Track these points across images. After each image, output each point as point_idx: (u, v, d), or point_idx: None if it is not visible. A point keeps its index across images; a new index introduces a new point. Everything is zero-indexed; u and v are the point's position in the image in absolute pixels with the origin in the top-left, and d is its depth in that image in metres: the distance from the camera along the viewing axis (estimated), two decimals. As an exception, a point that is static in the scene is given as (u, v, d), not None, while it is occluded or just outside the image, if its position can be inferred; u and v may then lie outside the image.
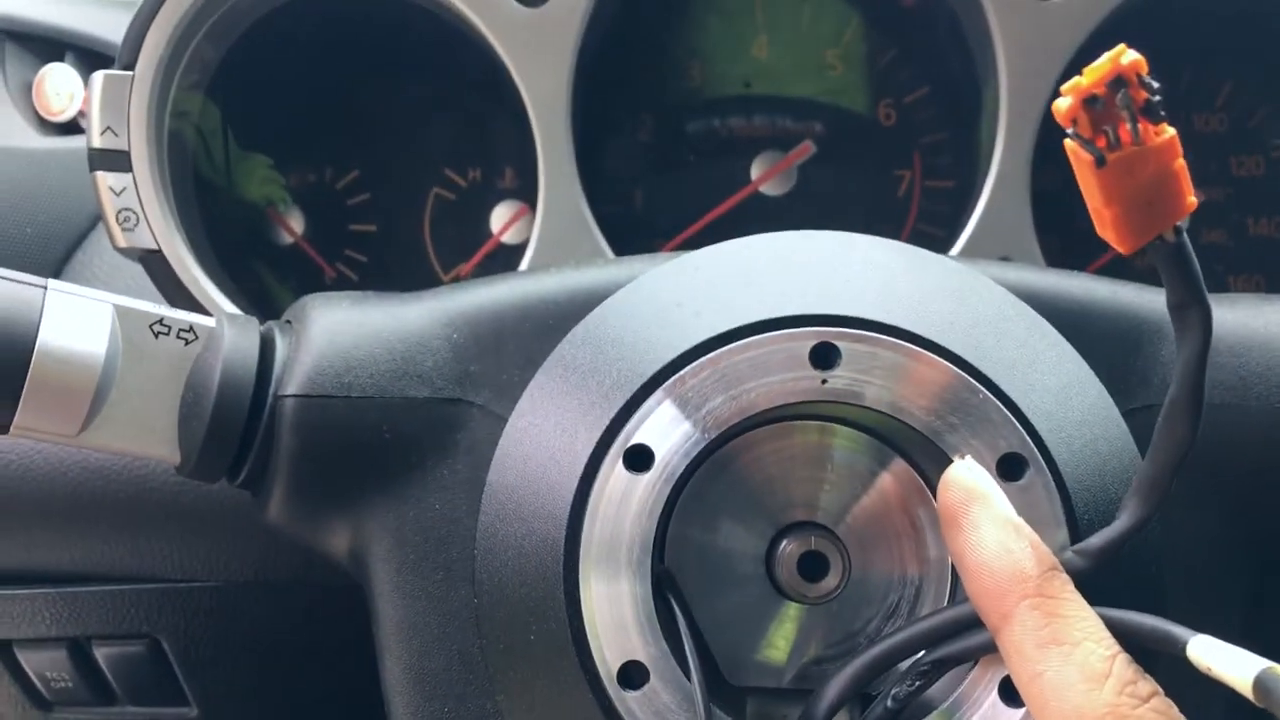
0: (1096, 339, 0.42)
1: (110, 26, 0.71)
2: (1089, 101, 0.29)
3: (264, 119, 0.60)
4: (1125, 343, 0.42)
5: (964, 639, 0.35)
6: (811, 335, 0.37)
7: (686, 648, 0.36)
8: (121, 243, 0.53)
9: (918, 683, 0.35)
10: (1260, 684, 0.28)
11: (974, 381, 0.36)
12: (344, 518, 0.43)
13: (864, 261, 0.39)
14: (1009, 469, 0.36)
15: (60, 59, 0.69)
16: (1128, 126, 0.29)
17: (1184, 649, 0.31)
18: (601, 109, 0.59)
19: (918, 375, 0.36)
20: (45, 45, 0.69)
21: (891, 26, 0.60)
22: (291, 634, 0.61)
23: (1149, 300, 0.44)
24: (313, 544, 0.45)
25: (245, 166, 0.61)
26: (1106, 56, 0.30)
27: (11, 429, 0.41)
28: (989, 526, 0.34)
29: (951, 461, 0.36)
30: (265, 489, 0.43)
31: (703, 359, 0.37)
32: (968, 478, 0.35)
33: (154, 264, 0.53)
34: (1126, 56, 0.29)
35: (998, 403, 0.36)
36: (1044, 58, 0.52)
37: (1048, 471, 0.36)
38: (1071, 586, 0.33)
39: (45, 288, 0.41)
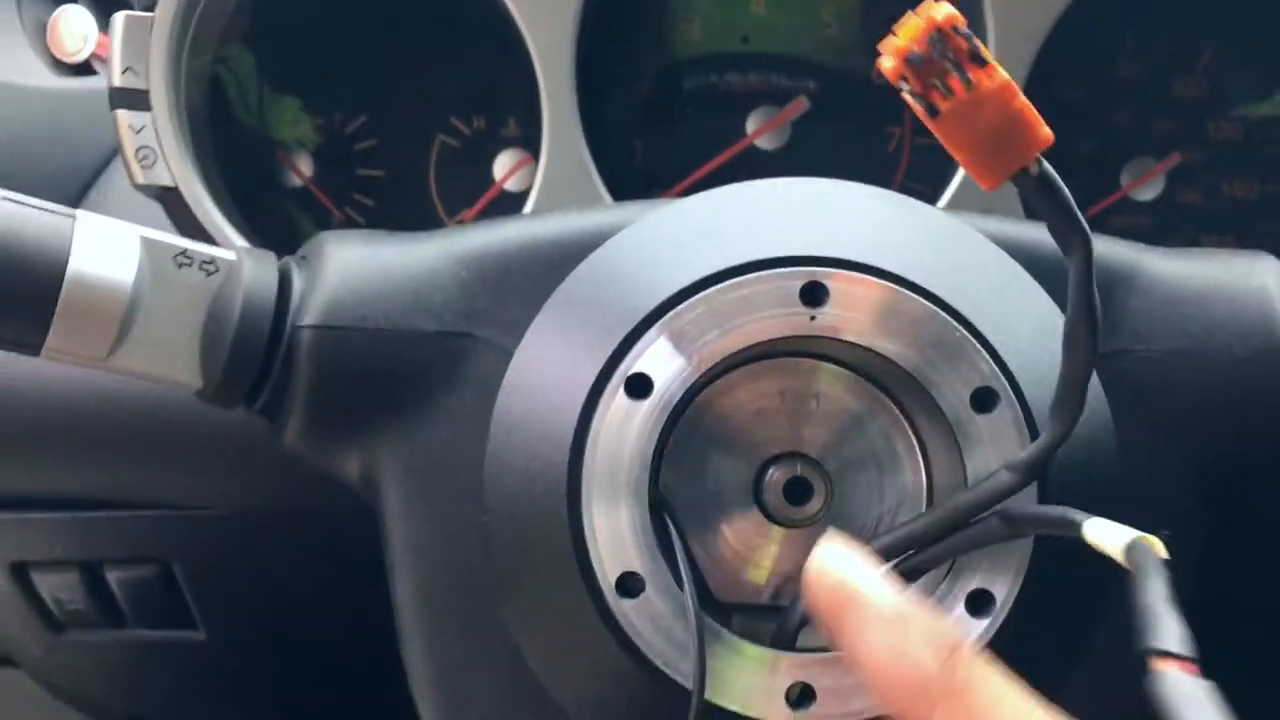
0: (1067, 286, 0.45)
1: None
2: (911, 59, 0.31)
3: (274, 64, 0.62)
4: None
5: (936, 552, 0.38)
6: (801, 275, 0.39)
7: (680, 562, 0.39)
8: (140, 179, 0.55)
9: None
10: (1130, 550, 0.31)
11: (952, 320, 0.39)
12: (357, 443, 0.45)
13: (852, 207, 0.42)
14: (981, 402, 0.39)
15: (73, 1, 0.70)
16: (956, 77, 0.31)
17: (1081, 530, 0.34)
18: (603, 62, 0.61)
19: (900, 313, 0.39)
20: (58, -14, 0.70)
21: None
22: (300, 562, 0.64)
23: (1117, 252, 0.46)
24: (326, 468, 0.47)
25: (277, 108, 0.63)
26: (919, 12, 0.31)
27: (43, 351, 0.43)
28: (873, 631, 0.31)
29: (929, 393, 0.38)
30: (282, 415, 0.45)
31: (699, 295, 0.40)
32: (835, 574, 0.33)
33: (171, 200, 0.55)
34: (940, 11, 0.31)
35: (973, 340, 0.39)
36: (1029, 20, 0.55)
37: (1017, 405, 0.39)
38: (980, 664, 0.30)
39: (74, 217, 0.43)
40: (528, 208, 0.59)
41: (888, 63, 0.31)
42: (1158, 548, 0.31)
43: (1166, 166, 0.61)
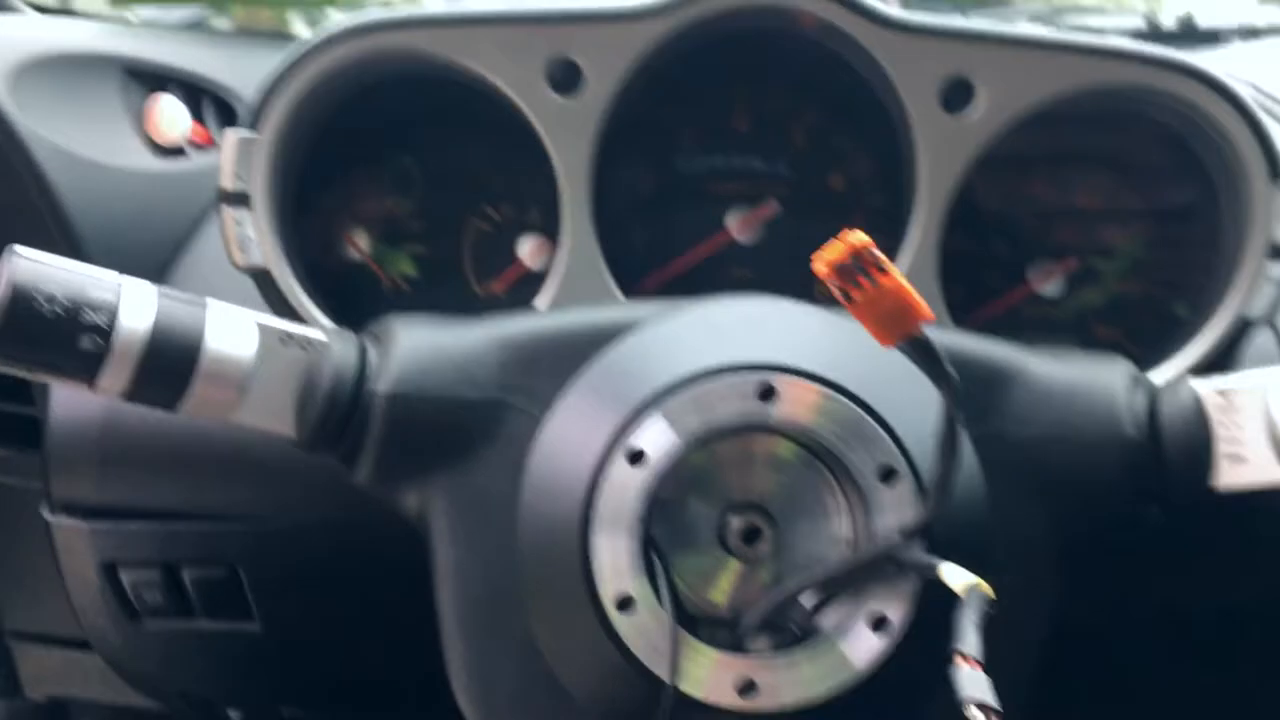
0: (964, 381, 0.58)
1: (200, 60, 0.85)
2: (836, 268, 0.44)
3: (351, 160, 0.75)
4: (984, 383, 0.58)
5: (847, 585, 0.51)
6: (758, 378, 0.53)
7: (663, 588, 0.52)
8: (240, 262, 0.68)
9: (813, 615, 0.52)
10: (965, 588, 0.47)
11: (866, 415, 0.52)
12: (414, 484, 0.59)
13: (800, 324, 0.56)
14: (886, 476, 0.52)
15: (163, 89, 0.83)
16: (865, 279, 0.45)
17: (938, 571, 0.48)
18: (612, 169, 0.74)
19: (828, 409, 0.52)
20: (153, 78, 0.83)
21: (843, 114, 0.75)
22: (345, 570, 0.74)
23: (1004, 354, 0.59)
24: (389, 502, 0.60)
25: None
26: (842, 238, 0.44)
27: (178, 409, 0.56)
28: None
29: (848, 468, 0.52)
30: (358, 459, 0.58)
31: (685, 390, 0.53)
32: None
33: (262, 279, 0.68)
34: (856, 239, 0.44)
35: (881, 430, 0.52)
36: (951, 158, 0.68)
37: (913, 479, 0.52)
38: None
39: (206, 307, 0.56)
40: (550, 285, 0.71)
41: (821, 268, 0.44)
42: (983, 587, 0.45)
43: (1066, 268, 0.75)
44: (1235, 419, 0.57)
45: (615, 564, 0.52)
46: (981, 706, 0.41)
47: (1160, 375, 0.66)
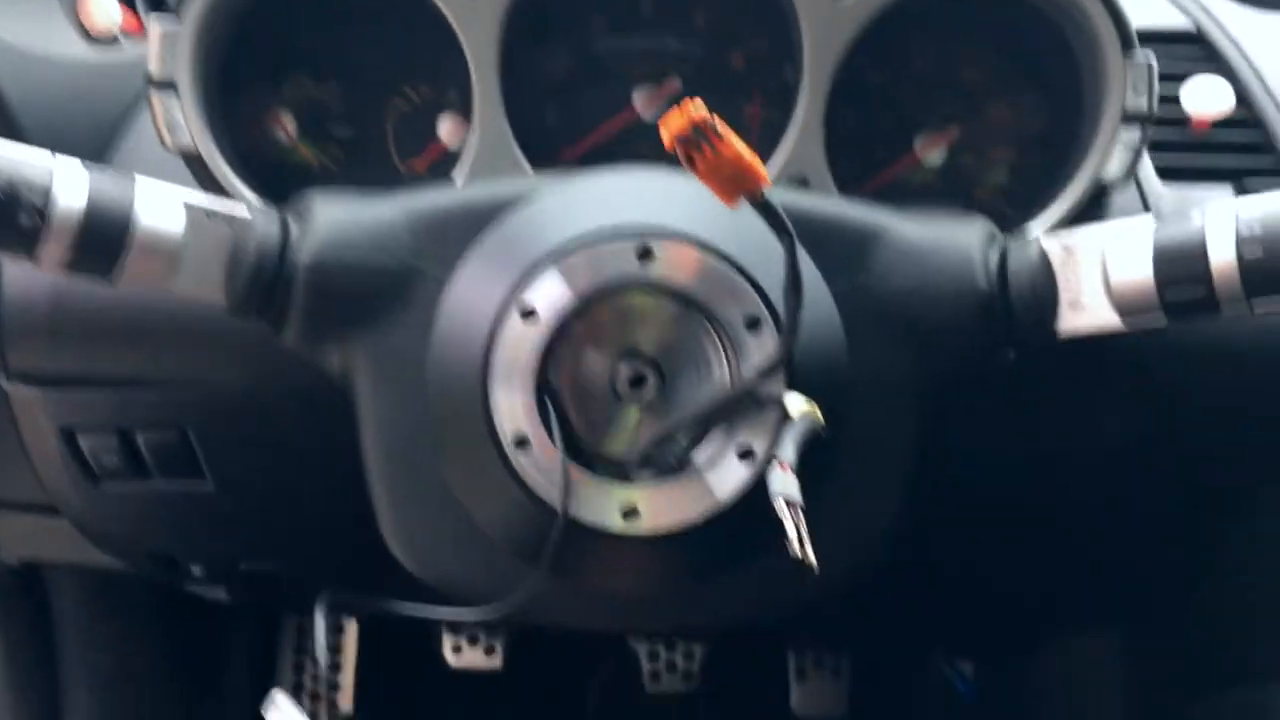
0: (833, 241, 0.64)
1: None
2: (679, 137, 0.49)
3: (275, 46, 0.79)
4: (849, 244, 0.64)
5: (716, 421, 0.58)
6: (637, 239, 0.58)
7: (554, 427, 0.59)
8: (170, 145, 0.72)
9: (688, 445, 0.58)
10: (798, 411, 0.54)
11: (734, 271, 0.58)
12: (337, 343, 0.64)
13: (677, 192, 0.61)
14: (751, 325, 0.58)
15: (96, -22, 0.86)
16: (706, 145, 0.50)
17: (784, 402, 0.55)
18: (522, 48, 0.78)
19: (701, 266, 0.58)
20: (84, -34, 0.86)
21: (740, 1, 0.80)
22: (288, 432, 0.80)
23: (871, 215, 0.65)
24: (314, 362, 0.66)
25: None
26: (683, 109, 0.49)
27: (114, 281, 0.61)
28: None
29: (719, 318, 0.58)
30: (284, 324, 0.64)
31: (572, 251, 0.59)
32: None
33: (192, 161, 0.73)
34: (697, 110, 0.49)
35: (747, 284, 0.58)
36: (834, 36, 0.73)
37: (774, 326, 0.58)
38: None
39: (135, 182, 0.61)
40: (463, 162, 0.76)
41: (665, 136, 0.50)
42: (814, 412, 0.52)
43: (948, 139, 0.80)
44: (1075, 270, 0.63)
45: (512, 408, 0.59)
46: (787, 501, 0.48)
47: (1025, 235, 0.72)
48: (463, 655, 1.43)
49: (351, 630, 1.47)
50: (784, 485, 0.50)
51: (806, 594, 0.65)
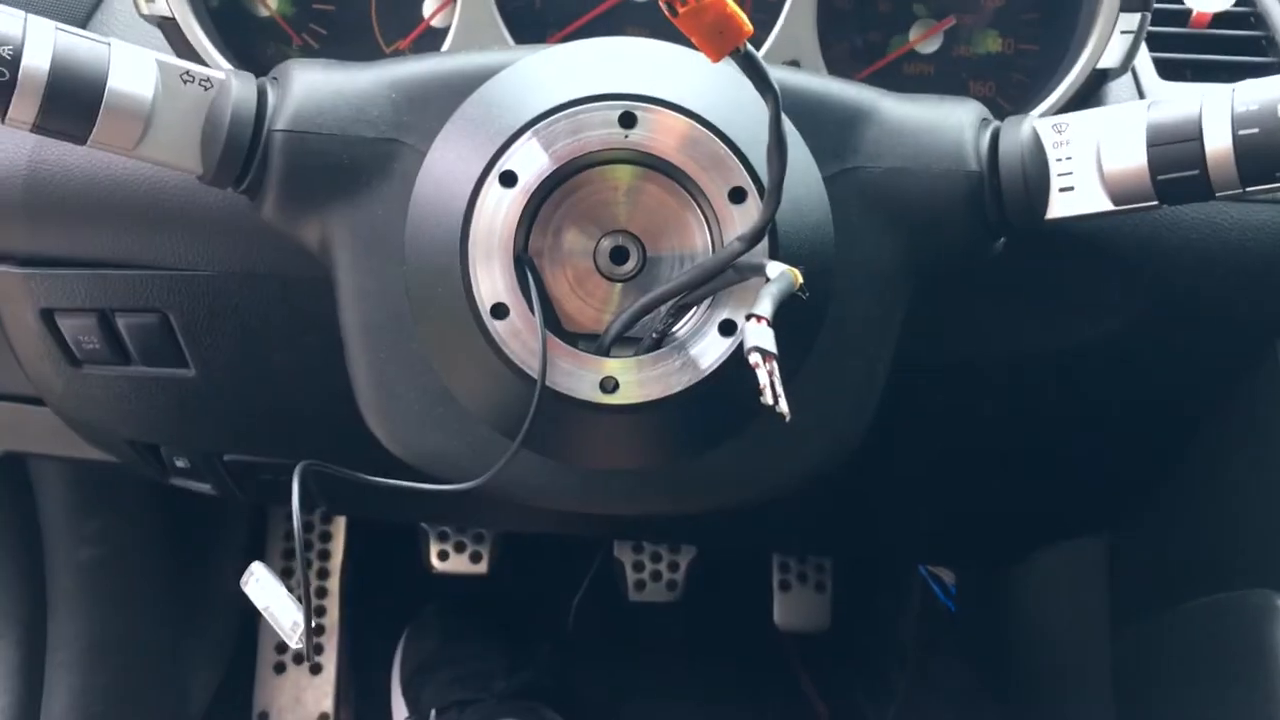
0: (820, 120, 0.63)
1: None
2: None
3: None
4: (839, 123, 0.63)
5: (702, 290, 0.57)
6: (620, 106, 0.57)
7: (533, 296, 0.58)
8: (145, 10, 0.70)
9: (669, 321, 0.58)
10: (778, 273, 0.52)
11: (718, 140, 0.57)
12: (315, 216, 0.63)
13: (662, 60, 0.60)
14: (735, 196, 0.57)
15: None
16: None
17: (765, 270, 0.54)
18: None
19: (684, 134, 0.57)
20: None
21: None
22: (269, 315, 0.79)
23: (862, 95, 0.64)
24: (292, 236, 0.65)
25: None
26: None
27: (87, 142, 0.60)
28: None
29: (702, 189, 0.57)
30: (260, 195, 0.63)
31: (553, 117, 0.58)
32: None
33: (169, 28, 0.71)
34: None
35: (731, 154, 0.57)
36: None
37: (758, 199, 0.57)
38: None
39: (109, 44, 0.60)
40: (447, 41, 0.75)
41: None
42: (794, 274, 0.51)
43: (944, 26, 0.78)
44: (1068, 151, 0.62)
45: (490, 276, 0.58)
46: (761, 352, 0.48)
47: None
48: (449, 561, 1.43)
49: (339, 536, 1.48)
50: (758, 338, 0.49)
51: (790, 470, 0.64)
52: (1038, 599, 1.17)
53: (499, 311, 0.58)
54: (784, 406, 0.48)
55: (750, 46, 0.50)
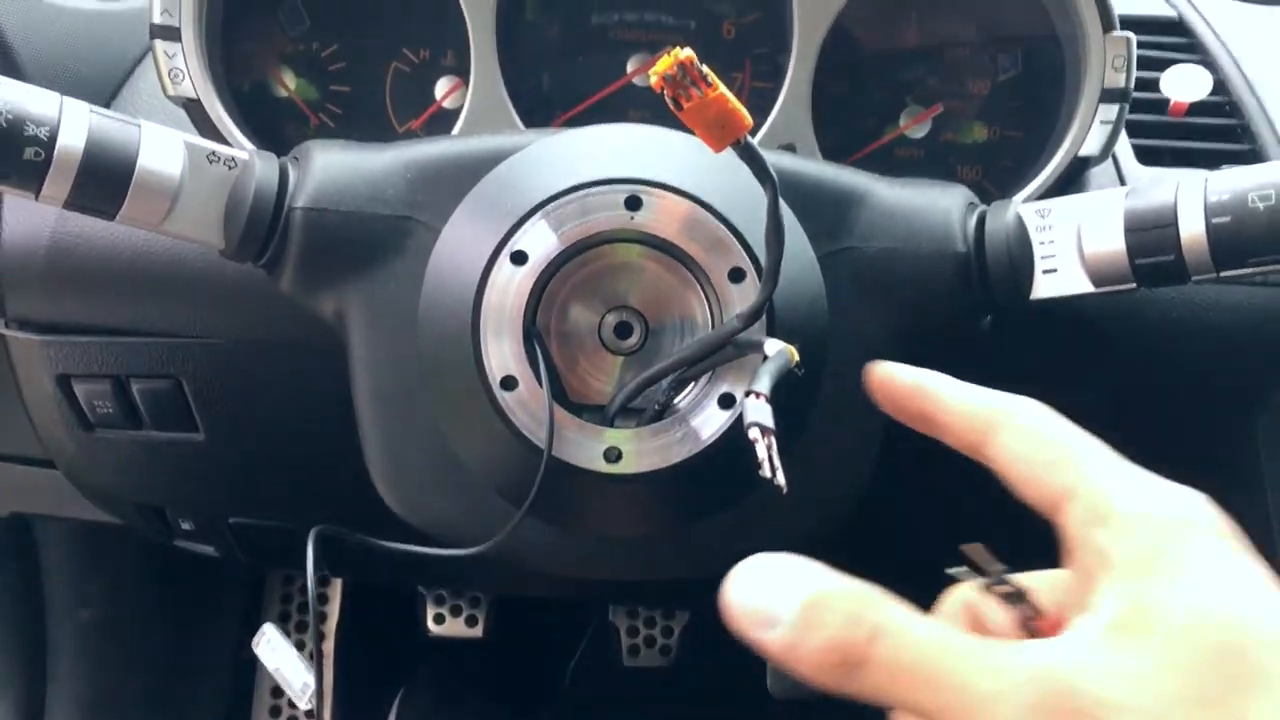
0: (816, 202, 0.66)
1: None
2: (666, 78, 0.50)
3: (280, 6, 0.80)
4: (833, 205, 0.66)
5: (701, 365, 0.60)
6: (626, 190, 0.60)
7: (542, 369, 0.60)
8: (171, 92, 0.74)
9: (671, 393, 0.60)
10: (776, 350, 0.55)
11: (719, 222, 0.60)
12: (331, 289, 0.66)
13: (665, 145, 0.63)
14: (735, 276, 0.60)
15: (104, -66, 0.87)
16: (693, 89, 0.50)
17: (763, 347, 0.56)
18: (519, 11, 0.80)
19: (687, 217, 0.60)
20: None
21: None
22: (280, 382, 0.81)
23: (855, 179, 0.67)
24: (308, 307, 0.67)
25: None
26: (670, 52, 0.49)
27: (116, 218, 0.63)
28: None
29: (704, 269, 0.60)
30: (279, 268, 0.66)
31: (563, 199, 0.61)
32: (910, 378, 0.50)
33: (193, 109, 0.74)
34: (683, 53, 0.49)
35: (732, 236, 0.60)
36: (823, 7, 0.75)
37: (757, 279, 0.60)
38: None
39: (140, 126, 0.63)
40: (459, 122, 0.79)
41: (653, 79, 0.51)
42: (790, 351, 0.54)
43: (932, 113, 0.82)
44: (1051, 236, 0.65)
45: (500, 350, 0.60)
46: (760, 427, 0.50)
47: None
48: (445, 625, 1.44)
49: (335, 599, 1.49)
50: (757, 414, 0.51)
51: (784, 539, 0.66)
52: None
53: (508, 384, 0.60)
54: (781, 479, 0.51)
55: (750, 138, 0.53)
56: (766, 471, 0.51)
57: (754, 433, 0.51)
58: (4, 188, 0.61)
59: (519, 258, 0.60)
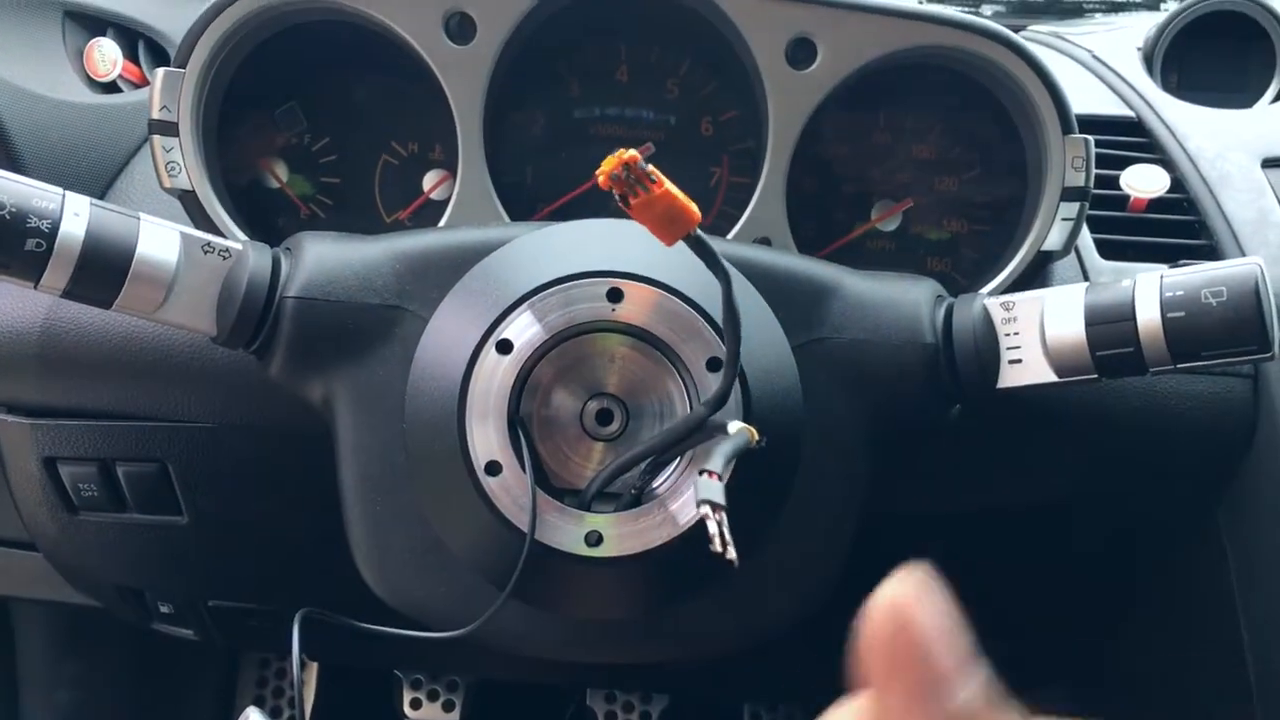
0: (789, 294, 0.68)
1: (137, 8, 0.93)
2: (613, 177, 0.53)
3: (268, 97, 0.84)
4: (806, 296, 0.68)
5: (673, 450, 0.61)
6: (607, 283, 0.63)
7: (526, 456, 0.62)
8: (168, 185, 0.76)
9: (647, 478, 0.62)
10: (736, 431, 0.58)
11: (697, 314, 0.62)
12: (320, 376, 0.68)
13: (643, 238, 0.65)
14: (712, 365, 0.62)
15: (103, 33, 0.91)
16: (639, 187, 0.53)
17: (728, 429, 0.58)
18: (505, 108, 0.84)
19: (665, 309, 0.62)
20: (92, 21, 0.91)
21: (711, 69, 0.85)
22: (265, 466, 0.83)
23: (826, 271, 0.70)
24: (297, 393, 0.69)
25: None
26: (617, 155, 0.52)
27: (113, 307, 0.65)
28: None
29: (682, 358, 0.62)
30: (269, 355, 0.68)
31: (547, 291, 0.63)
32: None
33: (188, 200, 0.77)
34: (627, 154, 0.52)
35: (709, 327, 0.63)
36: (797, 107, 0.78)
37: (733, 369, 0.62)
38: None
39: (139, 219, 0.65)
40: (446, 213, 0.81)
41: (601, 178, 0.53)
42: (750, 431, 0.56)
43: (902, 208, 0.85)
44: (1016, 327, 0.68)
45: (485, 436, 0.62)
46: (710, 504, 0.52)
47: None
48: (421, 710, 1.43)
49: (311, 681, 1.48)
50: (708, 491, 0.53)
51: (762, 622, 0.68)
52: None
53: (492, 469, 0.62)
54: (732, 554, 0.52)
55: (699, 232, 0.56)
56: (717, 546, 0.52)
57: (704, 509, 0.53)
58: (4, 277, 0.63)
59: (504, 346, 0.62)
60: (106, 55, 0.88)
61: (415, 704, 1.43)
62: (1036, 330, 0.67)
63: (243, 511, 0.88)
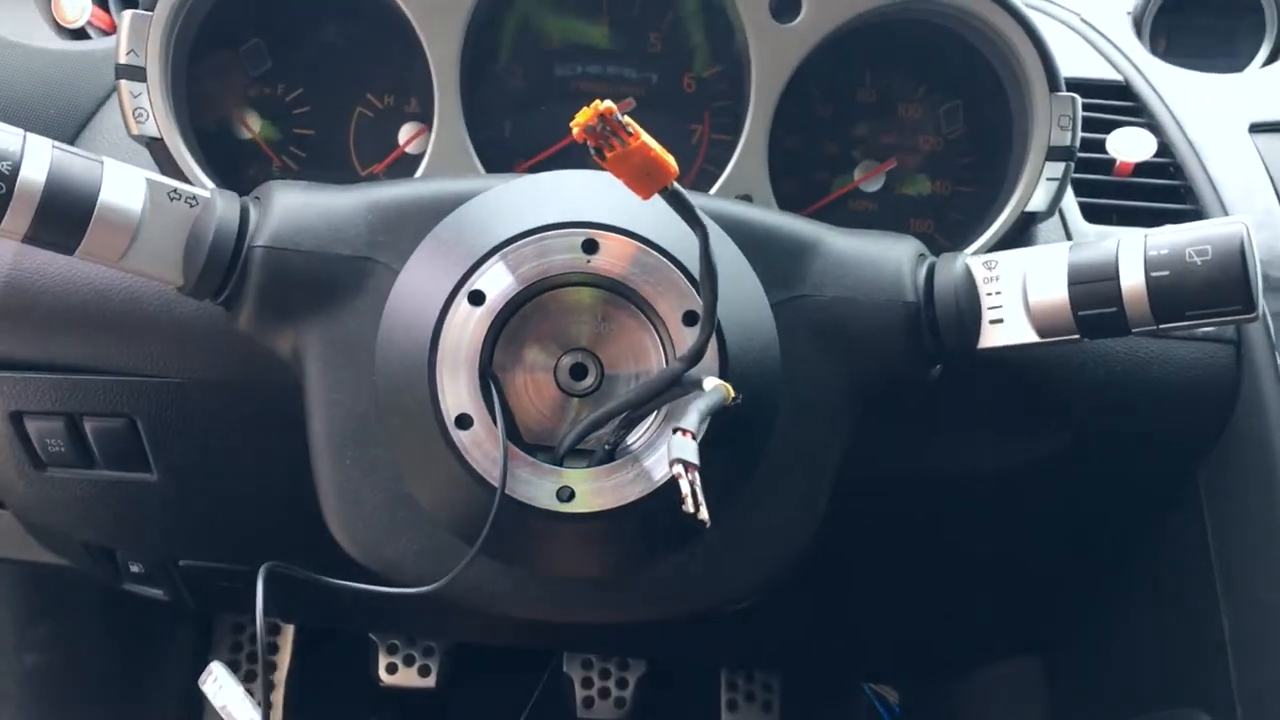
0: (769, 250, 0.67)
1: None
2: (587, 129, 0.51)
3: (239, 44, 0.82)
4: (786, 253, 0.67)
5: (647, 405, 0.60)
6: (583, 233, 0.61)
7: (497, 408, 0.61)
8: (135, 131, 0.74)
9: (621, 434, 0.61)
10: (710, 386, 0.56)
11: (674, 266, 0.61)
12: (289, 327, 0.66)
13: (621, 190, 0.64)
14: (688, 319, 0.61)
15: (71, -24, 0.89)
16: (614, 139, 0.52)
17: (702, 384, 0.57)
18: (484, 61, 0.82)
19: (642, 261, 0.61)
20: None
21: (696, 20, 0.84)
22: (235, 421, 0.82)
23: (808, 229, 0.69)
24: (266, 345, 0.68)
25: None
26: (592, 106, 0.51)
27: (76, 252, 0.63)
28: None
29: (658, 311, 0.61)
30: (237, 306, 0.66)
31: (520, 242, 0.62)
32: None
33: (156, 148, 0.75)
34: (603, 105, 0.51)
35: (686, 280, 0.61)
36: (780, 62, 0.77)
37: (710, 323, 0.61)
38: None
39: (102, 162, 0.63)
40: (422, 166, 0.79)
41: (575, 130, 0.52)
42: (726, 388, 0.55)
43: (886, 168, 0.84)
44: (998, 289, 0.67)
45: (455, 389, 0.61)
46: (683, 463, 0.51)
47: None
48: (397, 674, 1.43)
49: (286, 647, 1.47)
50: (681, 449, 0.52)
51: (737, 581, 0.67)
52: (980, 716, 1.18)
53: (463, 422, 0.61)
54: (705, 514, 0.51)
55: (677, 184, 0.54)
56: (689, 506, 0.51)
57: (677, 468, 0.52)
58: None
59: (476, 298, 0.61)
60: (75, 1, 0.86)
61: (391, 669, 1.43)
62: (1019, 289, 0.66)
63: (213, 468, 0.86)
